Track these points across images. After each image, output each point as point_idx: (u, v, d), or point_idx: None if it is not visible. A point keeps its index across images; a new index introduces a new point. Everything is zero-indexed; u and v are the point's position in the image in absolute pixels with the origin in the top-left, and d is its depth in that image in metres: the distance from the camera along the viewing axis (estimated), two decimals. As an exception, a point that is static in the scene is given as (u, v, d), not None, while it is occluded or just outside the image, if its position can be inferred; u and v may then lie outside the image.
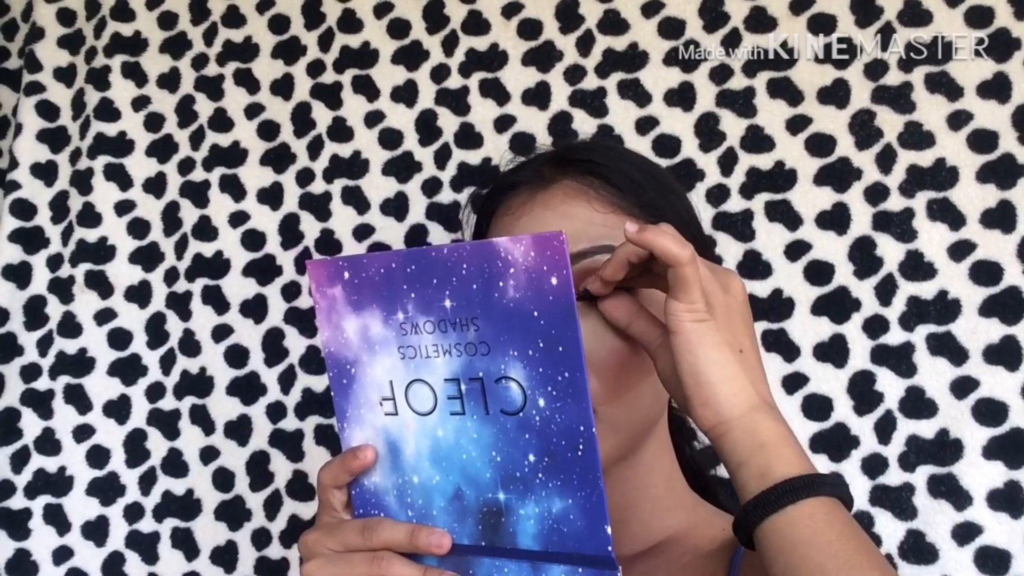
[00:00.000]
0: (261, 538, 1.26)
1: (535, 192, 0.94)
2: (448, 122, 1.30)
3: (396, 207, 1.29)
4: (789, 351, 1.15)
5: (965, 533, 1.07)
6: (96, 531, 1.29)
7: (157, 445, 1.31)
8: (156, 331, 1.33)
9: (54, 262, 1.36)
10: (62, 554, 1.28)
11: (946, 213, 1.13)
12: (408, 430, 0.84)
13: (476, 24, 1.29)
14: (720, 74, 1.21)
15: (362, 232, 1.30)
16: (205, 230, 1.34)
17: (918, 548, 1.08)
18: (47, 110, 1.40)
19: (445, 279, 0.80)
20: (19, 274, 1.36)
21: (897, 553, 1.08)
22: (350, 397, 0.88)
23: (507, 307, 0.78)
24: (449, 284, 0.80)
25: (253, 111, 1.35)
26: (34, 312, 1.35)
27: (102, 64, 1.39)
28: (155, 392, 1.32)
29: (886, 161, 1.15)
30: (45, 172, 1.39)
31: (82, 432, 1.31)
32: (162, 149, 1.37)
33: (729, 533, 0.90)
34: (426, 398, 0.83)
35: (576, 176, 0.93)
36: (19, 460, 1.31)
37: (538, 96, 1.26)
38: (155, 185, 1.37)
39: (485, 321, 0.79)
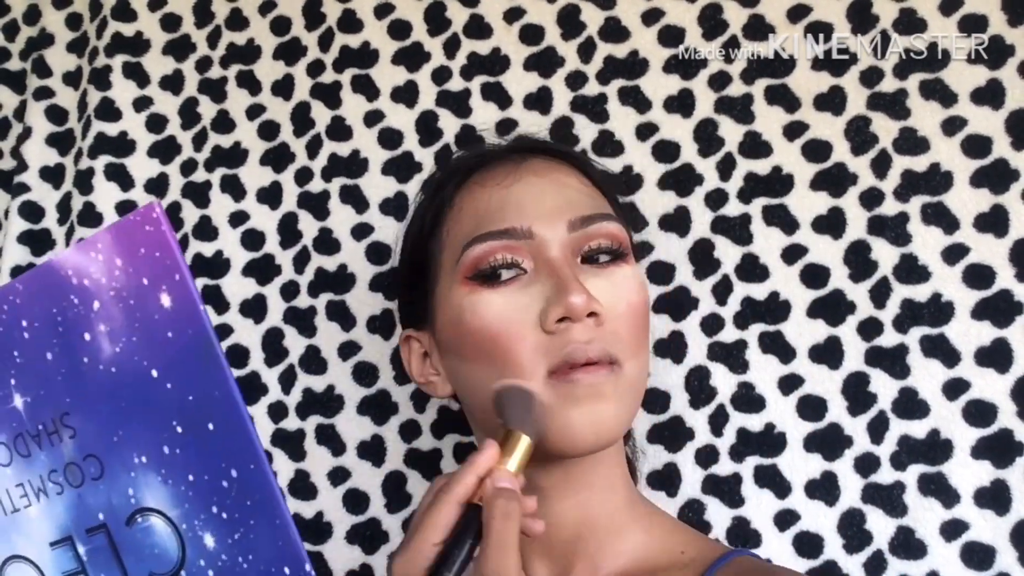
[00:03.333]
0: (262, 537, 1.33)
1: (514, 163, 0.96)
2: (449, 124, 1.37)
3: (396, 207, 1.36)
4: (785, 353, 1.22)
5: (952, 530, 1.14)
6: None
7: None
8: (158, 331, 1.39)
9: (60, 263, 1.43)
10: None
11: (940, 217, 1.20)
12: None
13: (478, 28, 1.37)
14: (719, 81, 1.29)
15: (361, 231, 1.37)
16: (205, 230, 1.41)
17: (907, 544, 1.15)
18: (56, 115, 1.48)
19: (4, 358, 0.57)
20: (26, 275, 1.43)
21: (887, 549, 1.15)
22: None
23: (107, 376, 0.55)
24: (12, 365, 0.57)
25: (254, 112, 1.43)
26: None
27: (103, 64, 1.46)
28: (157, 392, 1.38)
29: (881, 166, 1.23)
30: (53, 175, 1.47)
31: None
32: (164, 150, 1.45)
33: (690, 555, 0.94)
34: None
35: (546, 156, 0.99)
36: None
37: (539, 101, 1.34)
38: (157, 186, 1.44)
39: (82, 415, 0.56)
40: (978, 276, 1.19)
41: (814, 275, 1.23)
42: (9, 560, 0.60)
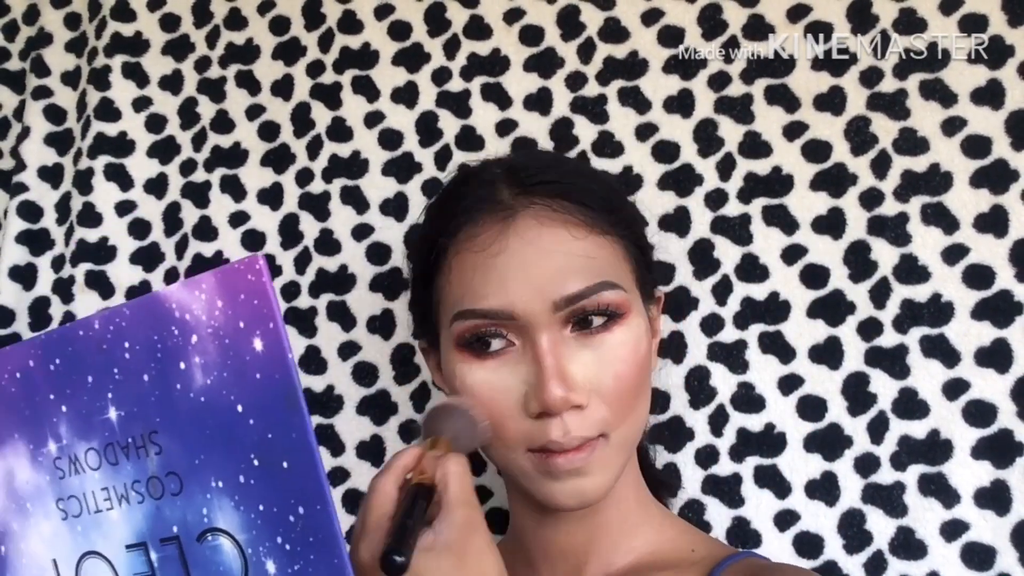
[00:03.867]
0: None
1: (502, 222, 0.92)
2: (449, 124, 1.37)
3: (396, 207, 1.37)
4: (785, 353, 1.23)
5: (952, 530, 1.14)
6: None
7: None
8: (158, 331, 1.40)
9: (57, 263, 1.44)
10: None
11: (940, 218, 1.20)
12: None
13: (478, 29, 1.38)
14: (718, 81, 1.29)
15: (361, 232, 1.37)
16: (205, 230, 1.41)
17: (908, 544, 1.15)
18: (55, 114, 1.49)
19: (104, 374, 0.61)
20: (25, 275, 1.44)
21: (888, 549, 1.16)
22: None
23: (196, 404, 0.58)
24: (111, 381, 0.61)
25: (254, 112, 1.43)
26: (39, 313, 1.43)
27: (102, 64, 1.47)
28: (157, 392, 1.38)
29: (881, 167, 1.23)
30: (52, 175, 1.48)
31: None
32: (164, 150, 1.45)
33: (700, 554, 0.96)
34: None
35: (543, 199, 0.92)
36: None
37: (539, 102, 1.34)
38: (156, 186, 1.45)
39: (169, 435, 0.60)
40: (978, 276, 1.19)
41: (814, 275, 1.24)
42: (87, 555, 0.64)
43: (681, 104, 1.31)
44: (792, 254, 1.25)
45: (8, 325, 1.43)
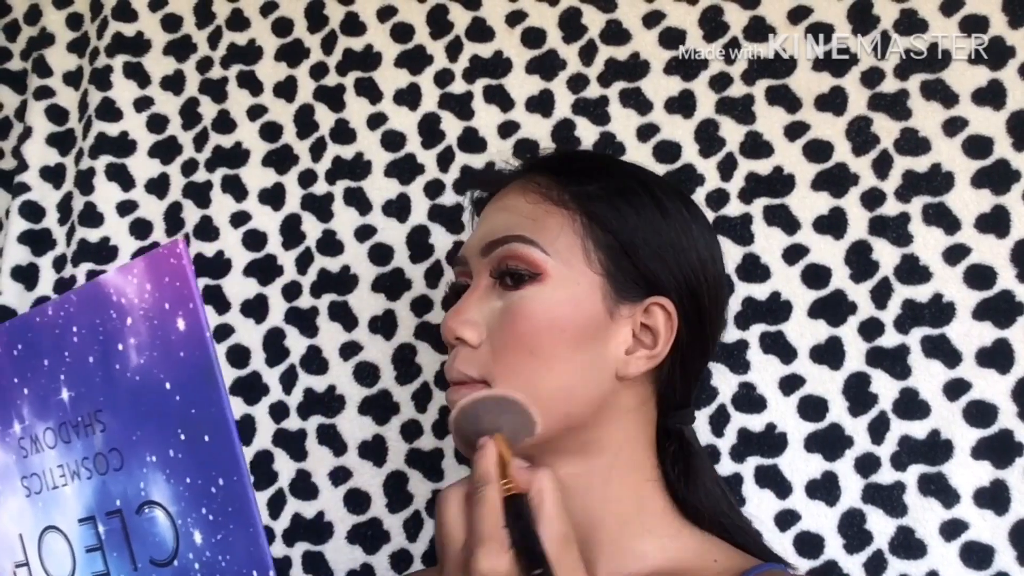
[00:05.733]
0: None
1: (500, 190, 1.03)
2: (451, 126, 1.38)
3: (398, 208, 1.37)
4: (786, 353, 1.23)
5: (952, 529, 1.15)
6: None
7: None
8: (159, 332, 1.40)
9: (59, 263, 1.44)
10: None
11: (941, 218, 1.21)
12: None
13: (480, 31, 1.38)
14: (720, 82, 1.30)
15: (363, 233, 1.37)
16: (207, 230, 1.41)
17: (907, 544, 1.16)
18: (57, 114, 1.49)
19: (57, 357, 0.65)
20: (27, 275, 1.44)
21: (887, 548, 1.16)
22: None
23: (132, 383, 0.62)
24: (62, 363, 0.65)
25: (256, 112, 1.43)
26: (38, 313, 1.43)
27: (104, 64, 1.47)
28: (158, 392, 1.38)
29: (882, 167, 1.23)
30: (54, 175, 1.47)
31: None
32: (165, 150, 1.45)
33: (722, 565, 0.95)
34: (62, 555, 0.68)
35: (532, 172, 1.01)
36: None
37: (541, 104, 1.35)
38: (158, 186, 1.44)
39: (111, 413, 0.63)
40: (979, 277, 1.19)
41: (815, 275, 1.24)
42: (47, 529, 0.69)
43: (682, 105, 1.31)
44: (793, 254, 1.25)
45: (9, 324, 1.42)
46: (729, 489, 1.11)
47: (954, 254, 1.20)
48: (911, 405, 1.19)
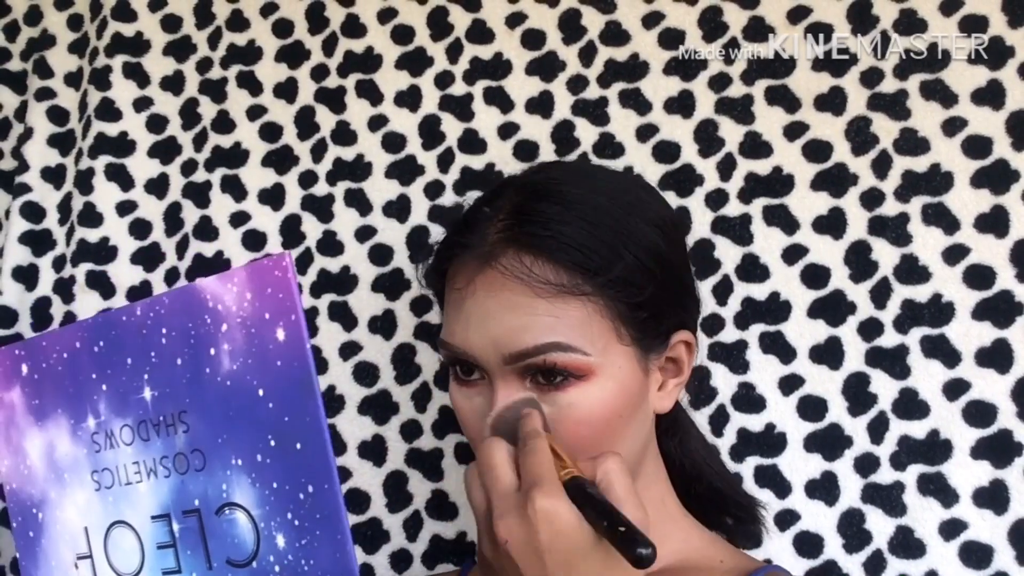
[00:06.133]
0: (262, 540, 1.33)
1: (479, 268, 0.93)
2: (451, 127, 1.37)
3: (398, 209, 1.37)
4: (786, 353, 1.23)
5: (951, 529, 1.15)
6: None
7: (161, 445, 1.38)
8: (160, 332, 1.40)
9: (58, 263, 1.44)
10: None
11: (940, 218, 1.20)
12: None
13: (480, 33, 1.38)
14: (719, 82, 1.29)
15: (364, 233, 1.37)
16: (206, 230, 1.41)
17: (906, 543, 1.15)
18: (58, 115, 1.49)
19: (142, 356, 0.66)
20: (27, 276, 1.44)
21: (887, 548, 1.16)
22: (38, 558, 0.73)
23: (222, 388, 0.63)
24: (147, 363, 0.66)
25: (255, 113, 1.43)
26: (40, 314, 1.43)
27: (103, 64, 1.46)
28: (159, 393, 1.38)
29: (882, 167, 1.23)
30: (55, 176, 1.47)
31: (86, 432, 1.38)
32: (165, 150, 1.45)
33: (728, 565, 0.96)
34: (130, 551, 0.69)
35: (517, 251, 0.91)
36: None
37: (541, 105, 1.34)
38: (157, 186, 1.44)
39: (197, 415, 0.65)
40: (979, 277, 1.19)
41: (814, 275, 1.23)
42: (115, 524, 0.69)
43: (682, 105, 1.30)
44: (793, 254, 1.24)
45: (11, 326, 1.43)
46: (711, 447, 1.17)
47: (953, 254, 1.20)
48: (910, 405, 1.18)
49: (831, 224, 1.24)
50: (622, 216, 0.94)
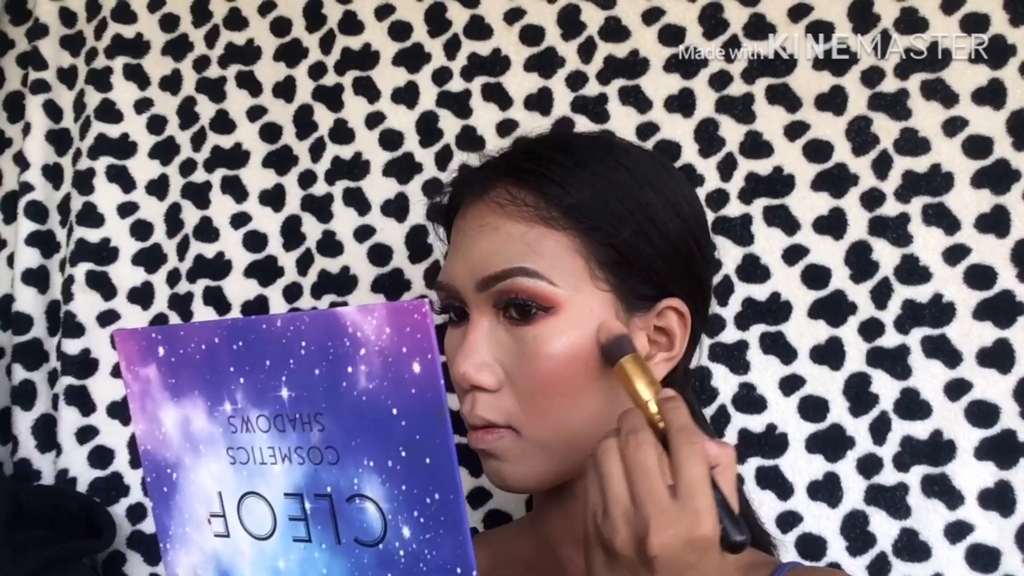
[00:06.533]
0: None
1: (473, 203, 0.96)
2: (449, 124, 1.37)
3: (397, 208, 1.36)
4: (787, 353, 1.22)
5: (957, 531, 1.14)
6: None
7: (160, 446, 1.37)
8: (159, 332, 1.39)
9: (62, 264, 1.43)
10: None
11: (941, 218, 1.20)
12: (243, 558, 0.74)
13: (478, 29, 1.37)
14: (719, 80, 1.29)
15: (363, 233, 1.37)
16: (206, 231, 1.41)
17: (911, 546, 1.15)
18: (53, 111, 1.48)
19: (280, 361, 0.69)
20: (39, 278, 1.44)
21: (891, 551, 1.15)
22: (172, 510, 0.77)
23: (358, 401, 0.66)
24: (285, 367, 0.69)
25: (255, 113, 1.43)
26: (54, 317, 1.43)
27: (103, 65, 1.46)
28: (158, 393, 1.38)
29: (882, 167, 1.22)
30: (53, 175, 1.47)
31: (85, 434, 1.38)
32: (164, 151, 1.45)
33: (741, 561, 0.93)
34: (263, 517, 0.73)
35: (506, 184, 0.94)
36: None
37: (540, 102, 1.34)
38: (157, 187, 1.44)
39: (332, 419, 0.68)
40: (979, 277, 1.19)
41: (815, 276, 1.23)
42: (248, 494, 0.73)
43: (682, 103, 1.30)
44: (793, 254, 1.24)
45: (27, 331, 1.43)
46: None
47: (954, 254, 1.19)
48: (912, 405, 1.18)
49: (832, 224, 1.23)
50: (616, 168, 0.94)
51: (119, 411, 1.38)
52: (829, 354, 1.21)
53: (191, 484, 0.76)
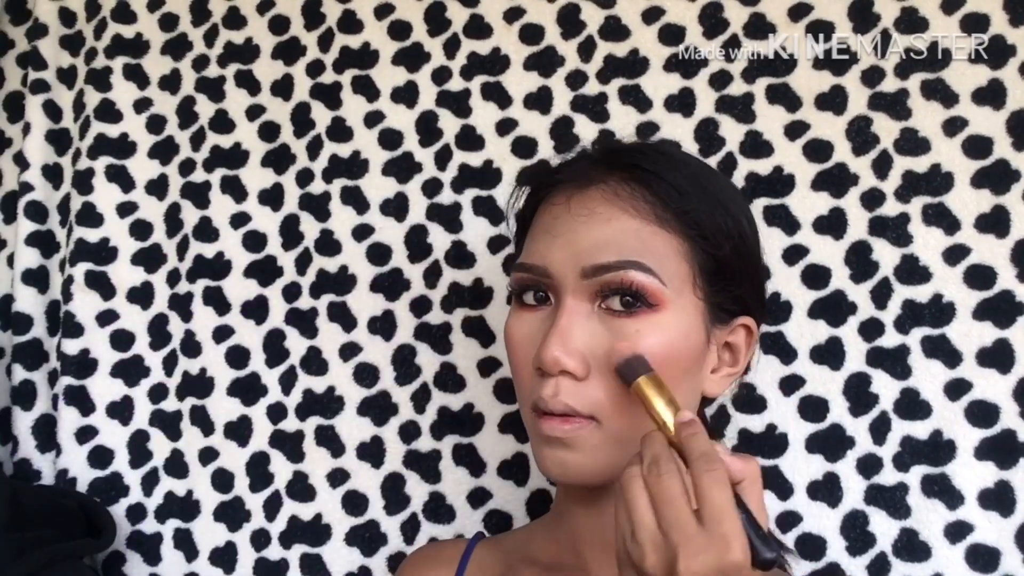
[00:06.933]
0: (260, 539, 1.32)
1: (576, 191, 0.95)
2: (449, 124, 1.36)
3: (396, 207, 1.36)
4: (786, 353, 1.22)
5: (957, 531, 1.14)
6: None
7: (160, 446, 1.37)
8: (158, 332, 1.40)
9: (62, 264, 1.43)
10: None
11: (941, 218, 1.20)
12: None
13: (478, 28, 1.36)
14: (719, 80, 1.28)
15: (361, 232, 1.36)
16: (206, 231, 1.40)
17: (911, 546, 1.15)
18: (53, 111, 1.47)
19: None
20: (38, 278, 1.43)
21: (891, 551, 1.15)
22: None
23: None
24: None
25: (254, 112, 1.42)
26: (54, 317, 1.43)
27: (103, 65, 1.46)
28: (157, 393, 1.38)
29: (882, 167, 1.22)
30: (53, 175, 1.46)
31: (85, 434, 1.37)
32: (164, 151, 1.44)
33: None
34: None
35: (620, 179, 0.93)
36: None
37: (540, 101, 1.33)
38: (157, 187, 1.43)
39: None
40: (979, 277, 1.18)
41: (815, 276, 1.23)
42: None
43: (682, 103, 1.29)
44: (793, 254, 1.24)
45: (27, 331, 1.42)
46: None
47: (954, 254, 1.19)
48: (912, 405, 1.18)
49: (832, 224, 1.23)
50: (720, 187, 0.97)
51: (118, 411, 1.38)
52: (829, 354, 1.21)
53: None
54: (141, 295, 1.41)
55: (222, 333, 1.38)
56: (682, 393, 0.90)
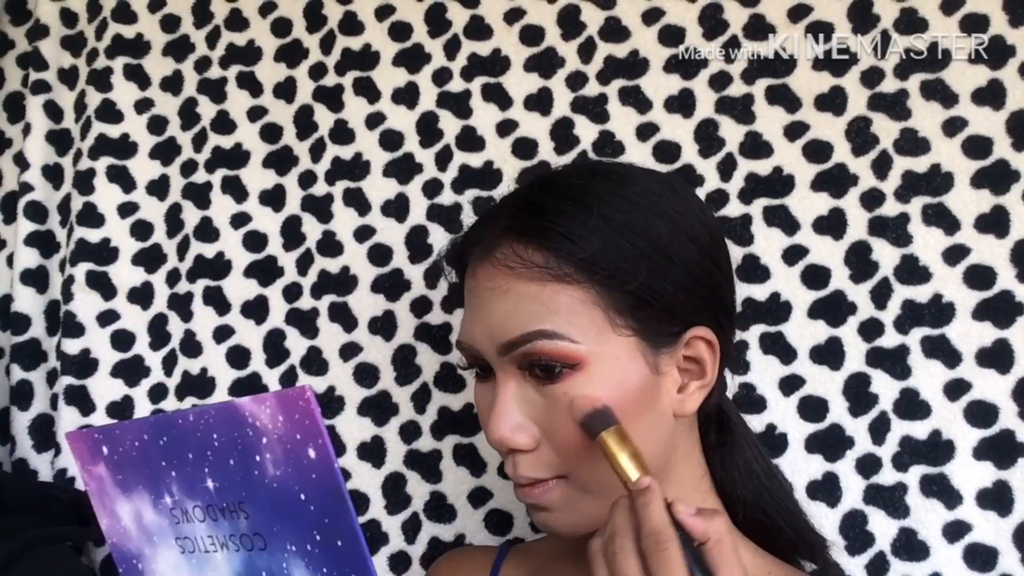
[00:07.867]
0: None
1: (481, 261, 0.94)
2: (449, 125, 1.36)
3: (397, 208, 1.35)
4: (786, 353, 1.22)
5: (955, 531, 1.14)
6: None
7: (160, 446, 1.37)
8: (158, 332, 1.39)
9: (62, 264, 1.42)
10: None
11: (941, 218, 1.20)
12: None
13: (478, 29, 1.36)
14: (719, 81, 1.28)
15: (363, 234, 1.36)
16: (206, 231, 1.40)
17: (910, 546, 1.14)
18: (53, 112, 1.47)
19: (200, 453, 0.73)
20: (37, 278, 1.43)
21: (890, 551, 1.15)
22: None
23: (271, 488, 0.69)
24: (206, 460, 0.73)
25: (256, 114, 1.42)
26: (53, 317, 1.42)
27: (104, 66, 1.45)
28: (158, 393, 1.38)
29: (882, 167, 1.22)
30: (53, 175, 1.46)
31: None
32: (165, 151, 1.44)
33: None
34: None
35: (513, 239, 0.91)
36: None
37: (540, 102, 1.33)
38: (158, 187, 1.43)
39: (253, 507, 0.71)
40: (979, 277, 1.18)
41: (815, 276, 1.22)
42: None
43: (682, 104, 1.29)
44: (793, 254, 1.23)
45: (25, 331, 1.42)
46: (770, 465, 1.06)
47: (954, 254, 1.19)
48: (912, 405, 1.17)
49: (831, 224, 1.23)
50: (624, 207, 0.90)
51: (118, 411, 1.38)
52: (829, 354, 1.21)
53: (154, 574, 0.80)
54: (141, 295, 1.41)
55: (222, 333, 1.38)
56: (646, 429, 0.89)
